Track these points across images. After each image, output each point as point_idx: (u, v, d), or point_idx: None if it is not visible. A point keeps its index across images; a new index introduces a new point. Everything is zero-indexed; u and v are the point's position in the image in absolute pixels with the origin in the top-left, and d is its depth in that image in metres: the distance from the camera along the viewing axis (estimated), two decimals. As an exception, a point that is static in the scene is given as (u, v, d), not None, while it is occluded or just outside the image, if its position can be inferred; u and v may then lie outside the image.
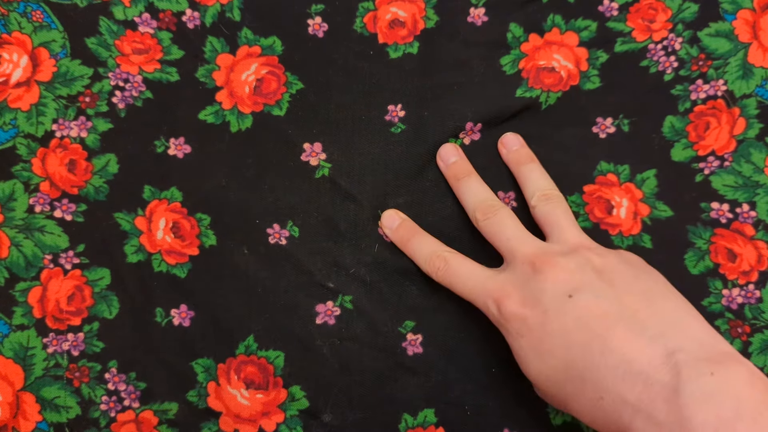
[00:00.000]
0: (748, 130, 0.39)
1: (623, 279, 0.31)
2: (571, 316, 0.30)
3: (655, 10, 0.40)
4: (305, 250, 0.40)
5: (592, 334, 0.29)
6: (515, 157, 0.39)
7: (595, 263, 0.32)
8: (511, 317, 0.32)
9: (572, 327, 0.30)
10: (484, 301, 0.34)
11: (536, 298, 0.31)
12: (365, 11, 0.40)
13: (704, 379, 0.26)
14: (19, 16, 0.40)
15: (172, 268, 0.40)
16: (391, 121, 0.40)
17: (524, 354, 0.32)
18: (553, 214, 0.36)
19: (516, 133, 0.40)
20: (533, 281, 0.32)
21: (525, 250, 0.34)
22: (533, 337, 0.31)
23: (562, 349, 0.30)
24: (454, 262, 0.36)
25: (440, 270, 0.36)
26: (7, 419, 0.39)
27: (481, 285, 0.34)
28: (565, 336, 0.30)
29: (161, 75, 0.40)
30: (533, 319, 0.31)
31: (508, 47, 0.40)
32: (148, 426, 0.39)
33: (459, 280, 0.35)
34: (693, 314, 0.30)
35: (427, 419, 0.39)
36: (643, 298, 0.30)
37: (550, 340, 0.30)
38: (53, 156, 0.40)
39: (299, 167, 0.40)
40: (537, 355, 0.31)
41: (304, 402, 0.39)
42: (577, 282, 0.31)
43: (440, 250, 0.37)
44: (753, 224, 0.39)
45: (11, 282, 0.39)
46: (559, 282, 0.31)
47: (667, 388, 0.27)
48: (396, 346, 0.39)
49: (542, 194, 0.37)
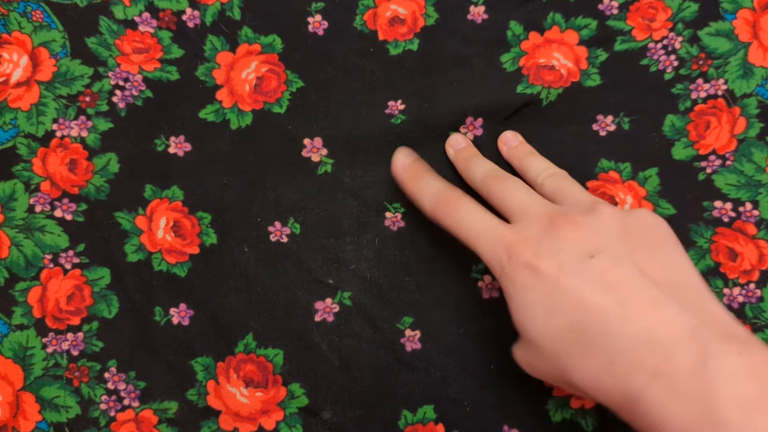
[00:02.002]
0: (748, 129, 0.39)
1: (645, 247, 0.30)
2: (588, 276, 0.28)
3: (655, 9, 0.40)
4: (307, 247, 0.40)
5: (611, 300, 0.28)
6: (515, 152, 0.39)
7: (616, 227, 0.30)
8: (520, 266, 0.30)
9: (589, 289, 0.28)
10: (492, 248, 0.31)
11: (553, 252, 0.29)
12: (365, 8, 0.40)
13: (732, 357, 0.25)
14: (19, 15, 0.40)
15: (172, 267, 0.40)
16: (391, 113, 0.40)
17: (528, 308, 0.29)
18: (562, 185, 0.34)
19: (515, 131, 0.40)
20: (550, 237, 0.30)
21: (541, 209, 0.32)
22: (542, 290, 0.29)
23: (575, 309, 0.28)
24: (467, 202, 0.33)
25: (450, 206, 0.34)
26: (7, 419, 0.39)
27: (493, 230, 0.32)
28: (580, 296, 0.28)
29: (161, 74, 0.40)
30: (546, 272, 0.29)
31: (508, 45, 0.40)
32: (147, 425, 0.39)
33: (469, 221, 0.33)
34: (711, 292, 0.29)
35: (426, 415, 0.39)
36: (664, 270, 0.29)
37: (562, 297, 0.28)
38: (54, 156, 0.40)
39: (300, 163, 0.40)
40: (544, 310, 0.29)
41: (303, 399, 0.39)
42: (597, 243, 0.29)
43: (451, 188, 0.35)
44: (755, 223, 0.39)
45: (11, 282, 0.39)
46: (580, 240, 0.29)
47: (694, 359, 0.26)
48: (395, 342, 0.39)
49: (547, 173, 0.36)
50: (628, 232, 0.30)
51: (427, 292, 0.39)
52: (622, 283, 0.28)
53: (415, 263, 0.39)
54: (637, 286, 0.28)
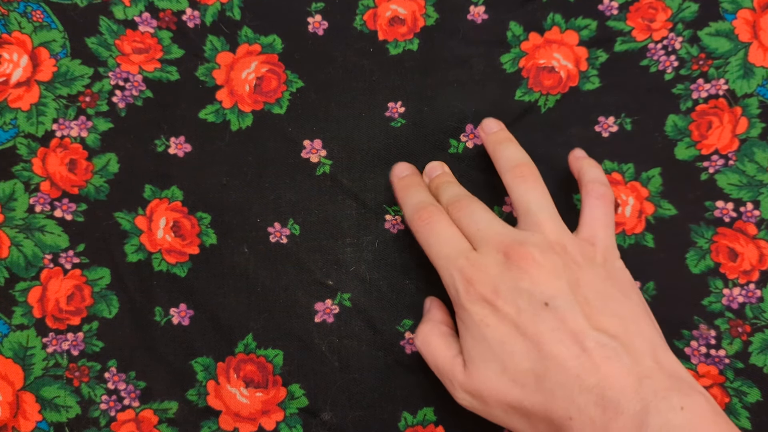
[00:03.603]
0: (750, 129, 0.39)
1: (599, 298, 0.30)
2: (547, 326, 0.29)
3: (655, 9, 0.40)
4: (306, 248, 0.40)
5: (570, 353, 0.28)
6: (493, 138, 0.37)
7: (573, 273, 0.31)
8: (478, 299, 0.30)
9: (547, 338, 0.29)
10: (451, 273, 0.32)
11: (510, 293, 0.30)
12: (365, 8, 0.40)
13: (673, 414, 0.26)
14: (19, 15, 0.40)
15: (172, 267, 0.40)
16: (391, 116, 0.40)
17: (486, 346, 0.30)
18: (528, 197, 0.33)
19: (497, 119, 0.38)
20: (507, 274, 0.30)
21: (498, 238, 0.32)
22: (502, 330, 0.30)
23: (536, 355, 0.29)
24: (441, 221, 0.33)
25: (423, 220, 0.34)
26: (7, 419, 0.39)
27: (456, 254, 0.32)
28: (540, 345, 0.29)
29: (161, 74, 0.40)
30: (505, 312, 0.30)
31: (508, 45, 0.40)
32: (148, 425, 0.39)
33: (436, 241, 0.33)
34: (661, 338, 0.30)
35: (426, 417, 0.39)
36: (617, 321, 0.29)
37: (523, 341, 0.29)
38: (53, 156, 0.40)
39: (300, 164, 0.40)
40: (503, 351, 0.30)
41: (303, 400, 0.39)
42: (553, 289, 0.30)
43: (432, 204, 0.35)
44: (756, 223, 0.39)
45: (11, 282, 0.39)
46: (536, 284, 0.30)
47: (636, 419, 0.26)
48: (394, 344, 0.39)
49: (516, 170, 0.34)
50: (583, 281, 0.30)
51: (426, 295, 0.39)
52: (578, 335, 0.28)
53: (415, 266, 0.39)
54: (591, 339, 0.28)
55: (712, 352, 0.38)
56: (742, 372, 0.38)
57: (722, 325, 0.38)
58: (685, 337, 0.39)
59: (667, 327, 0.36)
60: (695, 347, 0.38)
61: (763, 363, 0.38)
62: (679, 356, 0.38)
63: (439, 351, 0.33)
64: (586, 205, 0.34)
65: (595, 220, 0.34)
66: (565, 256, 0.31)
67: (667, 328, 0.36)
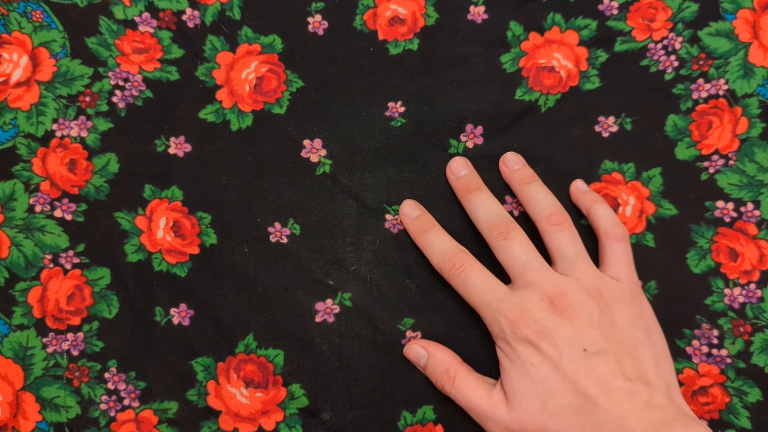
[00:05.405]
0: (750, 129, 0.39)
1: (627, 342, 0.34)
2: (584, 369, 0.33)
3: (655, 9, 0.40)
4: (306, 248, 0.40)
5: (600, 392, 0.32)
6: (517, 176, 0.39)
7: (607, 320, 0.34)
8: (523, 341, 0.34)
9: (583, 380, 0.33)
10: (496, 318, 0.35)
11: (553, 338, 0.33)
12: (365, 8, 0.40)
13: None
14: (19, 15, 0.40)
15: (172, 267, 0.40)
16: (391, 116, 0.40)
17: (528, 383, 0.34)
18: (565, 243, 0.37)
19: (517, 153, 0.39)
20: (551, 320, 0.34)
21: (543, 284, 0.35)
22: (545, 370, 0.33)
23: (574, 394, 0.33)
24: (473, 268, 0.36)
25: (456, 270, 0.36)
26: (7, 419, 0.39)
27: (498, 302, 0.35)
28: (578, 385, 0.33)
29: (161, 74, 0.40)
30: (548, 354, 0.33)
31: (508, 45, 0.40)
32: (147, 425, 0.39)
33: (473, 288, 0.36)
34: (674, 378, 0.35)
35: (426, 416, 0.39)
36: (641, 365, 0.33)
37: (564, 382, 0.33)
38: (53, 156, 0.40)
39: (300, 164, 0.40)
40: (545, 389, 0.33)
41: (303, 400, 0.39)
42: (590, 337, 0.33)
43: (459, 249, 0.37)
44: (756, 223, 0.39)
45: (11, 282, 0.39)
46: (576, 332, 0.33)
47: None
48: (395, 344, 0.39)
49: (552, 218, 0.37)
50: (617, 326, 0.34)
51: (427, 295, 0.39)
52: (608, 377, 0.33)
53: (415, 266, 0.39)
54: (618, 380, 0.33)
55: (714, 352, 0.38)
56: (743, 372, 0.38)
57: (725, 324, 0.38)
58: (686, 336, 0.39)
59: (668, 326, 0.37)
60: (697, 346, 0.38)
61: (764, 363, 0.38)
62: (680, 355, 0.38)
63: (475, 390, 0.36)
64: (608, 248, 0.37)
65: (619, 261, 0.37)
66: (600, 300, 0.35)
67: (669, 327, 0.37)
